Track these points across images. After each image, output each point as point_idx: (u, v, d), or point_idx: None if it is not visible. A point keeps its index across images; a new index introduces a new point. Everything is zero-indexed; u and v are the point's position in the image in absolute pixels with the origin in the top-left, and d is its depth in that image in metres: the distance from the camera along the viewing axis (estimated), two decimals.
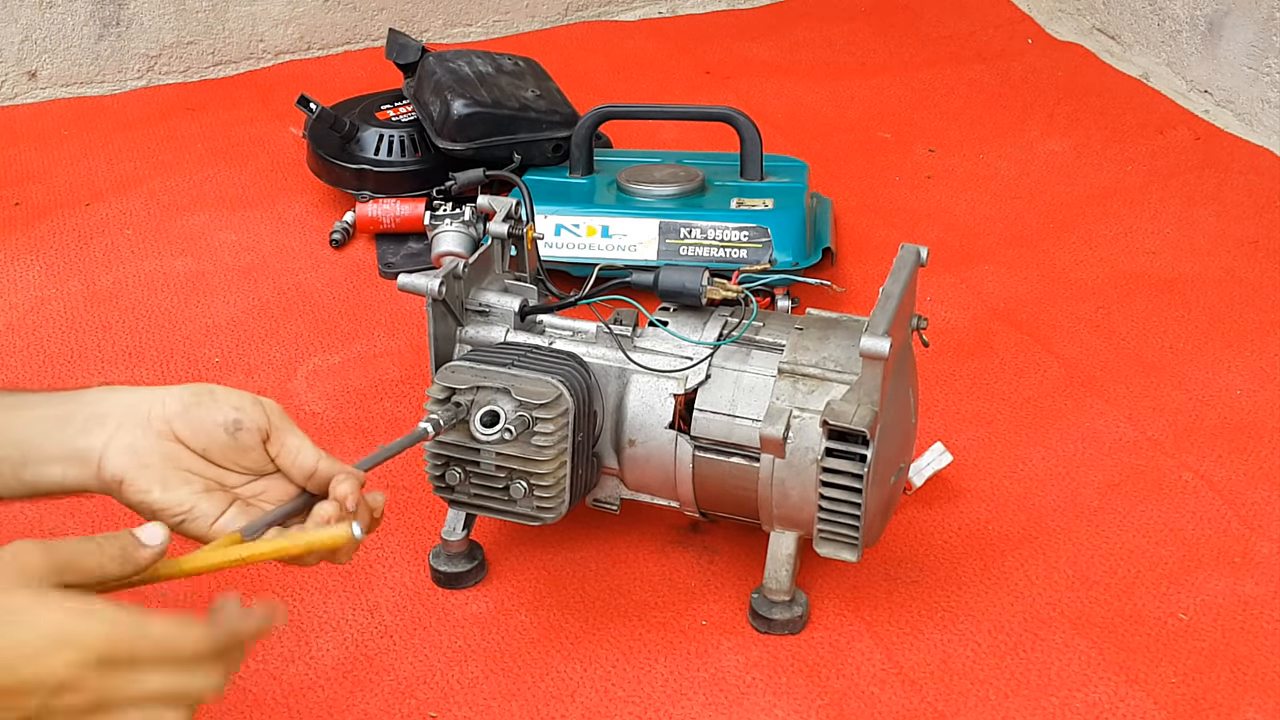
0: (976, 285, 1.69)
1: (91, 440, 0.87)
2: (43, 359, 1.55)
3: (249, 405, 0.89)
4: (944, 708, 1.14)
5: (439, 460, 1.16)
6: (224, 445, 0.88)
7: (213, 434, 0.88)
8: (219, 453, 0.89)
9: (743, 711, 1.13)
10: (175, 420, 0.88)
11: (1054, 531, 1.32)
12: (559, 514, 1.16)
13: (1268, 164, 1.95)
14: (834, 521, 1.14)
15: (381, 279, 1.70)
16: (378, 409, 1.47)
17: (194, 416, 0.88)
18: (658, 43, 2.33)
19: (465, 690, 1.15)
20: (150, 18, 2.15)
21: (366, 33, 2.29)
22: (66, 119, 2.07)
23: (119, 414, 0.88)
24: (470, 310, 1.24)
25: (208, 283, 1.69)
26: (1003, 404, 1.49)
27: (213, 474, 0.89)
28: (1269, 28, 2.00)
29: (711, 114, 1.72)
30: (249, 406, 0.89)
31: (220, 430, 0.88)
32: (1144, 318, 1.63)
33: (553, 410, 1.12)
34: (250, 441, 0.89)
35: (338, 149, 1.78)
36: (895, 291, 1.12)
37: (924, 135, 2.03)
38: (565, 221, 1.64)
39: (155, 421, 0.88)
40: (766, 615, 1.20)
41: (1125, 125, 2.06)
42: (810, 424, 1.14)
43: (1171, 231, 1.80)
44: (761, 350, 1.20)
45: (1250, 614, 1.23)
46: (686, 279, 1.22)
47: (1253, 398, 1.50)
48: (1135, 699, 1.14)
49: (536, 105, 1.76)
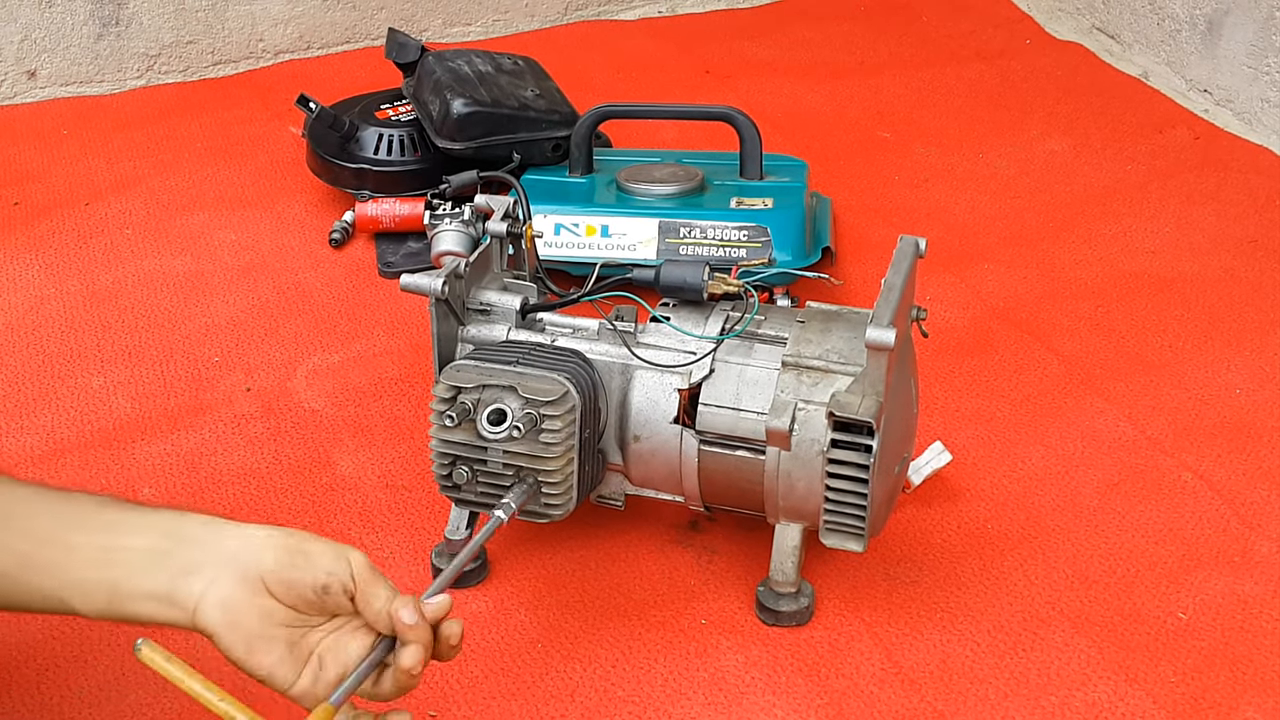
0: (976, 284, 1.69)
1: (190, 585, 0.90)
2: (42, 359, 1.55)
3: (339, 568, 0.93)
4: (943, 707, 1.14)
5: (445, 459, 1.16)
6: (311, 602, 0.93)
7: (303, 594, 0.92)
8: (306, 607, 0.93)
9: (742, 711, 1.13)
10: (269, 578, 0.91)
11: (1053, 531, 1.32)
12: (567, 511, 1.16)
13: (1267, 163, 1.95)
14: (840, 512, 1.14)
15: (381, 278, 1.70)
16: (378, 408, 1.47)
17: (287, 578, 0.92)
18: (657, 42, 2.33)
19: (465, 690, 1.15)
20: (150, 17, 2.15)
21: (366, 32, 2.29)
22: (66, 118, 2.07)
23: (215, 561, 0.91)
24: (472, 309, 1.25)
25: (207, 282, 1.69)
26: (1002, 403, 1.49)
27: (298, 622, 0.93)
28: (1269, 27, 2.00)
29: (711, 113, 1.72)
30: (339, 569, 0.93)
31: (310, 592, 0.92)
32: (1143, 317, 1.63)
33: (559, 407, 1.12)
34: (335, 601, 0.93)
35: (337, 148, 1.78)
36: (897, 283, 1.13)
37: (924, 135, 2.03)
38: (565, 221, 1.64)
39: (251, 577, 0.91)
40: (773, 608, 1.20)
41: (1125, 124, 2.06)
42: (815, 416, 1.14)
43: (1171, 231, 1.80)
44: (764, 344, 1.20)
45: (1249, 613, 1.23)
46: (688, 274, 1.22)
47: (1252, 397, 1.50)
48: (1134, 698, 1.14)
49: (536, 105, 1.76)
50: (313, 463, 1.40)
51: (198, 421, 1.45)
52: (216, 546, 0.92)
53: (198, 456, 1.40)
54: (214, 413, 1.47)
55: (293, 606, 0.92)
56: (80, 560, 0.91)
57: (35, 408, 1.47)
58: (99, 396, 1.49)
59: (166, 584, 0.90)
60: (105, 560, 0.91)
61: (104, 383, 1.51)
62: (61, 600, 0.91)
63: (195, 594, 0.90)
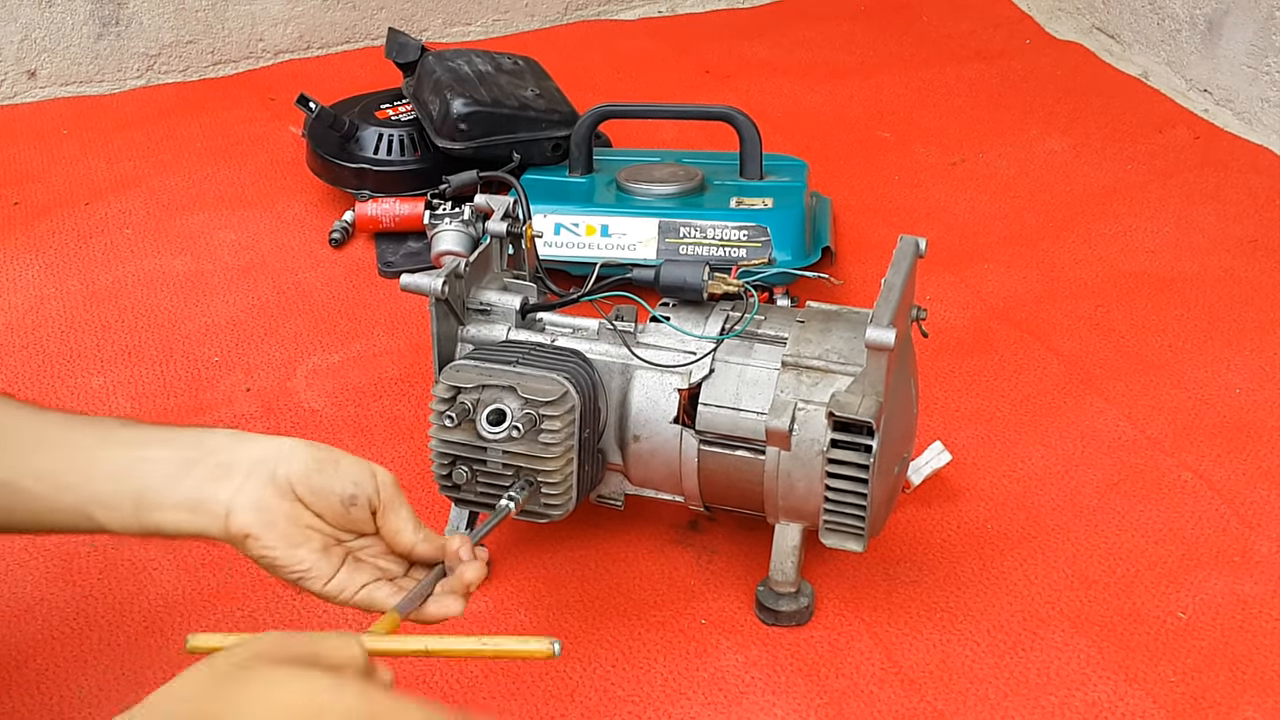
0: (976, 284, 1.69)
1: (219, 491, 0.90)
2: (42, 358, 1.55)
3: (366, 480, 0.94)
4: (943, 707, 1.14)
5: (445, 459, 1.16)
6: (338, 513, 0.93)
7: (329, 502, 0.92)
8: (333, 518, 0.93)
9: (742, 710, 1.13)
10: (298, 483, 0.91)
11: (1053, 530, 1.32)
12: (566, 510, 1.16)
13: (1267, 163, 1.95)
14: (840, 512, 1.14)
15: (381, 278, 1.70)
16: (377, 407, 1.47)
17: (316, 484, 0.92)
18: (657, 42, 2.33)
19: (465, 689, 1.15)
20: (149, 17, 2.15)
21: (366, 32, 2.29)
22: (66, 118, 2.07)
23: (245, 466, 0.91)
24: (471, 309, 1.25)
25: (207, 282, 1.69)
26: (1002, 403, 1.49)
27: (329, 531, 0.93)
28: (1268, 27, 2.00)
29: (711, 113, 1.72)
30: (366, 481, 0.93)
31: (338, 501, 0.92)
32: (1143, 316, 1.63)
33: (559, 407, 1.12)
34: (361, 515, 0.94)
35: (337, 148, 1.78)
36: (897, 282, 1.13)
37: (924, 135, 2.03)
38: (565, 220, 1.64)
39: (279, 480, 0.91)
40: (773, 607, 1.20)
41: (1124, 124, 2.06)
42: (815, 416, 1.14)
43: (1171, 230, 1.80)
44: (764, 344, 1.20)
45: (1249, 613, 1.23)
46: (688, 274, 1.22)
47: (1252, 397, 1.50)
48: (1134, 698, 1.14)
49: (536, 104, 1.76)
50: None
51: (198, 421, 1.45)
52: (245, 452, 0.91)
53: None
54: (214, 413, 1.47)
55: (320, 514, 0.92)
56: (105, 473, 0.91)
57: None
58: (99, 396, 1.49)
59: (194, 491, 0.90)
60: (130, 472, 0.90)
61: (104, 383, 1.51)
62: (88, 516, 0.90)
63: (224, 500, 0.90)
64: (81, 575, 1.25)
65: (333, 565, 0.92)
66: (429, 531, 0.96)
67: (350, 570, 0.93)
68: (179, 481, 0.90)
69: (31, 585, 1.23)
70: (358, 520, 0.94)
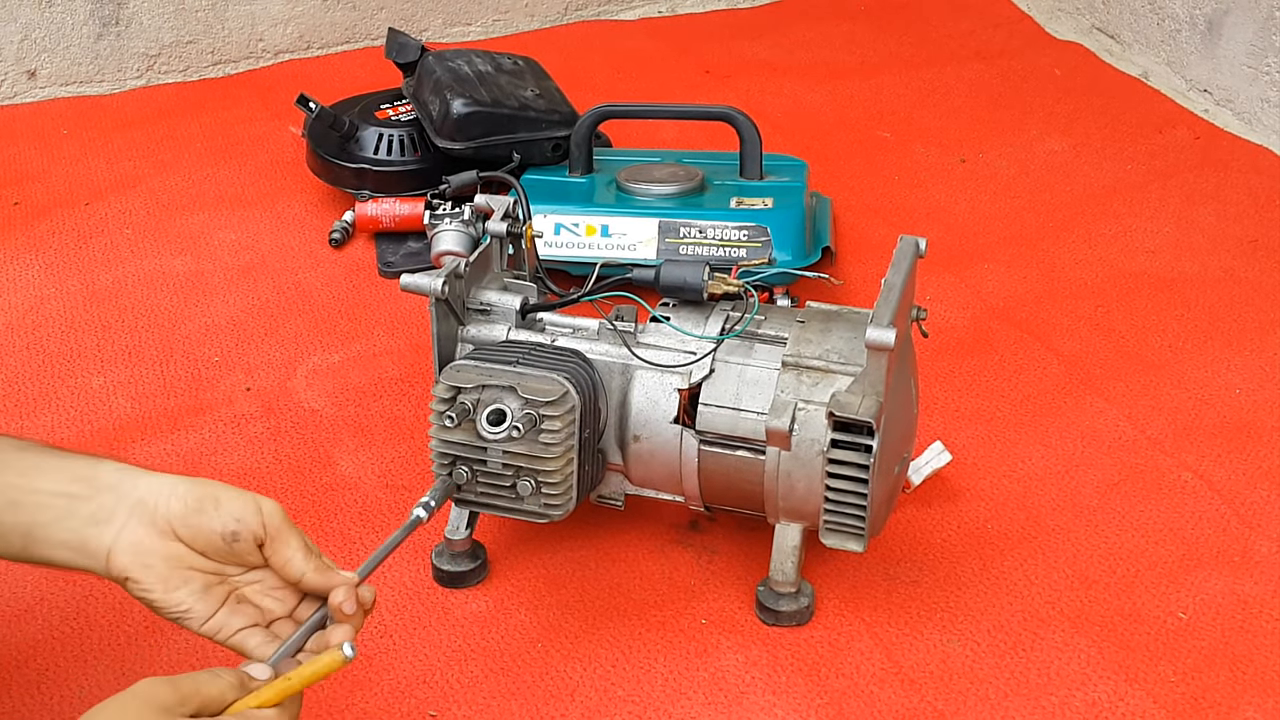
0: (976, 284, 1.69)
1: (102, 534, 0.92)
2: (42, 358, 1.55)
3: (249, 515, 0.94)
4: (943, 707, 1.14)
5: (445, 459, 1.16)
6: (220, 550, 0.94)
7: (210, 540, 0.93)
8: (215, 554, 0.94)
9: (742, 710, 1.13)
10: (178, 524, 0.93)
11: (1053, 530, 1.32)
12: (566, 510, 1.16)
13: (1267, 163, 1.95)
14: (840, 512, 1.14)
15: (381, 278, 1.70)
16: (377, 407, 1.47)
17: (195, 523, 0.93)
18: (657, 42, 2.33)
19: (465, 690, 1.15)
20: (149, 17, 2.15)
21: (366, 32, 2.29)
22: (66, 118, 2.07)
23: (128, 507, 0.92)
24: (471, 309, 1.25)
25: (207, 282, 1.69)
26: (1002, 403, 1.49)
27: (212, 568, 0.94)
28: (1268, 27, 2.00)
29: (711, 113, 1.72)
30: (249, 516, 0.94)
31: (218, 538, 0.93)
32: (1143, 316, 1.63)
33: (559, 408, 1.12)
34: (246, 549, 0.94)
35: (337, 148, 1.78)
36: (897, 282, 1.13)
37: (924, 135, 2.03)
38: (565, 221, 1.64)
39: (159, 522, 0.92)
40: (773, 607, 1.20)
41: (1124, 124, 2.06)
42: (815, 416, 1.14)
43: (1171, 230, 1.80)
44: (764, 344, 1.20)
45: (1249, 613, 1.23)
46: (688, 274, 1.22)
47: (1252, 397, 1.50)
48: (1134, 698, 1.14)
49: (536, 104, 1.76)
50: (313, 463, 1.40)
51: (198, 421, 1.45)
52: (129, 491, 0.93)
53: (198, 456, 1.40)
54: (214, 413, 1.47)
55: (203, 553, 0.93)
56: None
57: (35, 408, 1.47)
58: (99, 396, 1.49)
59: (78, 531, 0.92)
60: (20, 503, 0.92)
61: (104, 383, 1.51)
62: None
63: (106, 543, 0.92)
64: (81, 575, 1.23)
65: (211, 606, 0.93)
66: (320, 561, 0.95)
67: (229, 611, 0.93)
68: (64, 520, 0.92)
69: (31, 585, 1.23)
70: (243, 554, 0.94)
